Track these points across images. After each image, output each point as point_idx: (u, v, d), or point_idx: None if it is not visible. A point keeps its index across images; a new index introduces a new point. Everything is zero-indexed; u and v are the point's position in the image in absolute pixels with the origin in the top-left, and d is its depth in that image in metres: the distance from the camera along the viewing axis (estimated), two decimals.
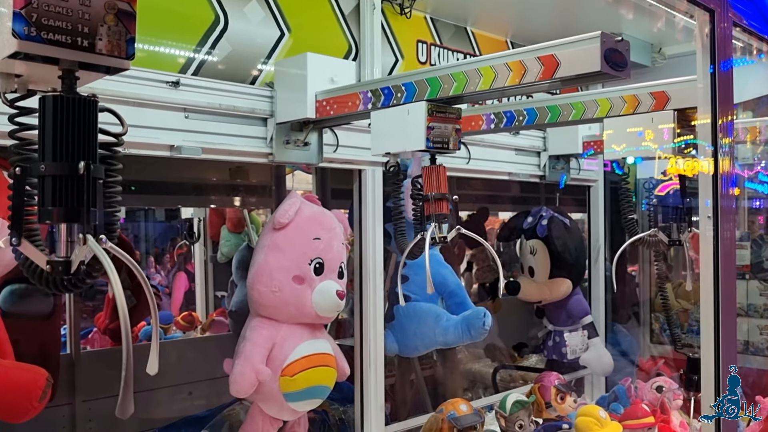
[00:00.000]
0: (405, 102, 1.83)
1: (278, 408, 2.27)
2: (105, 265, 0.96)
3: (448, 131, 1.84)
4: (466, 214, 4.42)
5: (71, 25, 0.97)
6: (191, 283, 4.66)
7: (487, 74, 1.65)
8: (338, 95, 2.03)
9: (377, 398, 2.46)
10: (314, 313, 2.23)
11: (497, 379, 3.77)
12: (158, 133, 1.92)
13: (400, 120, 1.84)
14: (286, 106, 2.13)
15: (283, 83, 2.15)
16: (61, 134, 0.97)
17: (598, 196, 3.53)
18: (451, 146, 1.86)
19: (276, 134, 2.14)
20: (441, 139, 1.83)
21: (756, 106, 3.08)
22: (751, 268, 3.46)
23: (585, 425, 2.36)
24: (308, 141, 2.19)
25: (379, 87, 1.91)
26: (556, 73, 1.53)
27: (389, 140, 1.90)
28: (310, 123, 2.15)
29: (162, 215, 4.84)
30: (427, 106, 1.78)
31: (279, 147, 2.15)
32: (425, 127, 1.78)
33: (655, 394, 2.97)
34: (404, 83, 1.83)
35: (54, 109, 0.97)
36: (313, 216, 2.29)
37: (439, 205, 1.96)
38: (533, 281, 3.19)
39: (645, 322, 3.94)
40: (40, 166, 0.97)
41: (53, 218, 0.96)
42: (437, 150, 1.84)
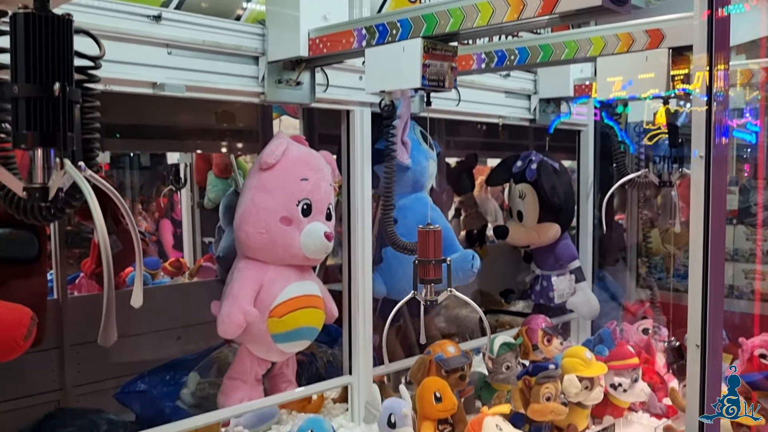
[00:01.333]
0: (400, 39, 1.79)
1: (266, 349, 2.27)
2: (84, 191, 0.93)
3: (443, 69, 1.81)
4: (455, 161, 4.40)
5: None
6: (177, 229, 4.64)
7: (485, 10, 1.61)
8: (332, 33, 1.97)
9: (365, 340, 2.46)
10: (302, 255, 2.21)
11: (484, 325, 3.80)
12: (140, 69, 1.86)
13: (396, 57, 1.79)
14: (278, 44, 2.07)
15: (275, 21, 2.09)
16: (34, 54, 0.92)
17: (588, 141, 3.50)
18: (446, 85, 1.83)
19: (268, 73, 2.09)
20: (437, 77, 1.80)
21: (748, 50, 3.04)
22: (738, 213, 3.47)
23: (571, 366, 2.38)
24: (300, 80, 2.14)
25: (373, 24, 1.86)
26: (556, 8, 1.48)
27: (384, 78, 1.86)
28: (303, 62, 2.10)
29: (147, 161, 4.78)
30: (423, 43, 1.73)
31: (271, 86, 2.10)
32: (421, 65, 1.74)
33: (641, 336, 3.02)
34: (399, 20, 1.78)
35: (26, 27, 0.92)
36: (301, 156, 2.26)
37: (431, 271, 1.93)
38: (522, 225, 3.19)
39: (632, 266, 3.96)
40: (13, 88, 0.93)
41: (28, 143, 0.93)
42: (433, 88, 1.80)
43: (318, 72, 2.23)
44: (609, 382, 2.51)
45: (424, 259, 1.87)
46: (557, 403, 2.22)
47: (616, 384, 2.51)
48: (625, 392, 2.51)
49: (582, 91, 2.95)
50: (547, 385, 2.22)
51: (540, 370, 2.25)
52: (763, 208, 3.36)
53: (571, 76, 2.95)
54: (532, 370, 2.27)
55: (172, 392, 2.50)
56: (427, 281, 1.88)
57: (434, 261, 1.86)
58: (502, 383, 2.52)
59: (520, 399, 2.25)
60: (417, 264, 1.88)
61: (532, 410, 2.21)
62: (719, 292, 1.71)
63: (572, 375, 2.35)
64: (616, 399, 2.53)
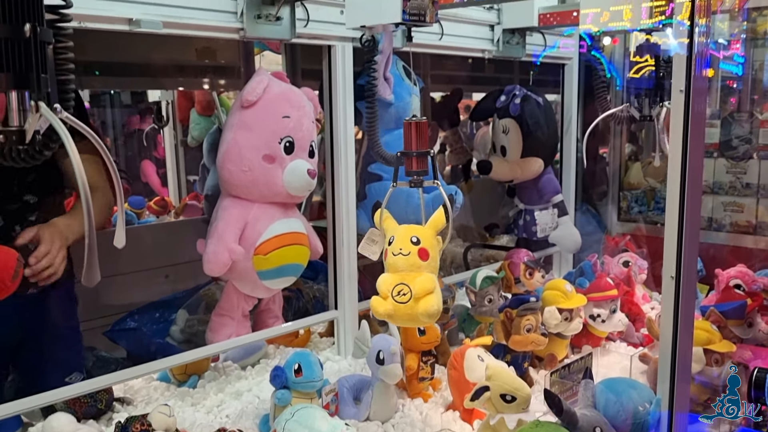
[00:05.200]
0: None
1: (252, 286, 2.31)
2: (60, 134, 0.93)
3: (424, 3, 1.79)
4: (440, 95, 4.37)
5: None
6: (161, 168, 4.63)
7: None
8: None
9: (350, 275, 2.50)
10: (285, 192, 2.22)
11: (468, 258, 3.86)
12: (114, 5, 1.82)
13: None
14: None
15: None
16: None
17: (572, 75, 3.48)
18: (428, 19, 1.82)
19: (247, 8, 2.04)
20: (418, 11, 1.78)
21: None
22: (719, 147, 3.50)
23: (551, 298, 2.44)
24: (280, 15, 2.10)
25: None
26: None
27: (365, 13, 1.84)
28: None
29: (128, 99, 4.72)
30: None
31: (250, 21, 2.05)
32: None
33: (621, 268, 3.08)
34: None
35: None
36: (282, 93, 2.24)
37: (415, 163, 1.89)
38: (505, 160, 3.20)
39: (613, 200, 4.01)
40: None
41: (1, 85, 0.92)
42: (414, 23, 1.79)
43: (298, 7, 2.18)
44: (588, 313, 2.57)
45: (407, 151, 1.85)
46: (537, 334, 2.28)
47: (595, 315, 2.57)
48: (604, 323, 2.57)
49: (547, 21, 2.85)
50: (528, 317, 2.27)
51: (521, 302, 2.30)
52: (744, 141, 3.39)
53: (536, 5, 2.85)
54: (513, 302, 2.32)
55: (161, 329, 2.55)
56: (411, 173, 1.87)
57: (416, 153, 1.84)
58: (485, 316, 2.58)
59: (501, 330, 2.30)
60: (399, 156, 1.86)
61: (513, 341, 2.27)
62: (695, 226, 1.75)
63: (552, 307, 2.41)
64: (594, 329, 2.60)
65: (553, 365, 2.33)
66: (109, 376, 1.99)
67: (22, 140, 0.95)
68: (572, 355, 2.56)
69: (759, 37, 3.41)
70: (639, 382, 2.02)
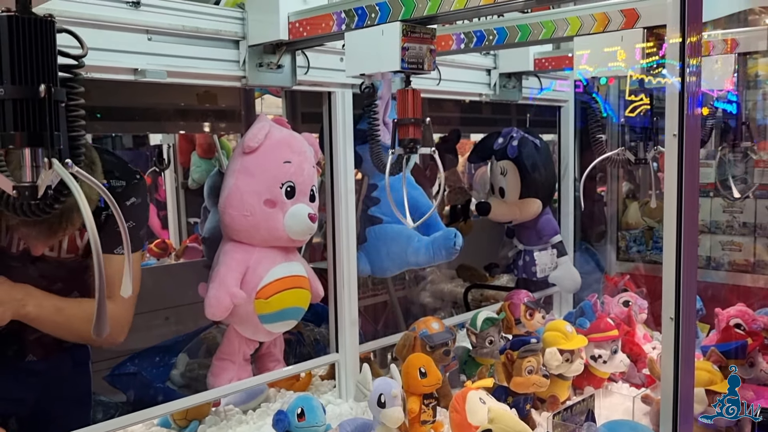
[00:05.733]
0: (379, 23, 1.81)
1: (254, 330, 2.31)
2: (72, 189, 0.96)
3: (422, 52, 1.83)
4: (438, 137, 4.43)
5: None
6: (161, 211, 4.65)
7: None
8: (311, 16, 1.99)
9: (351, 318, 2.51)
10: (286, 237, 2.25)
11: (469, 299, 3.87)
12: (121, 56, 1.87)
13: (375, 41, 1.81)
14: (258, 27, 2.08)
15: (254, 4, 2.10)
16: (19, 56, 0.94)
17: (569, 117, 3.53)
18: (426, 67, 1.85)
19: (249, 57, 2.10)
20: (416, 60, 1.82)
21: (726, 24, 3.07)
22: (715, 186, 3.53)
23: (552, 339, 2.44)
24: (281, 63, 2.16)
25: (352, 7, 1.87)
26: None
27: (364, 61, 1.88)
28: (284, 45, 2.11)
29: (130, 142, 4.77)
30: (402, 27, 1.76)
31: (252, 70, 2.11)
32: (400, 48, 1.77)
33: (621, 308, 3.08)
34: (378, 3, 1.80)
35: (9, 30, 0.94)
36: (283, 139, 2.28)
37: (411, 130, 1.94)
38: (504, 201, 3.23)
39: (612, 240, 4.03)
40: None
41: (16, 143, 0.95)
42: (412, 71, 1.83)
43: (299, 54, 2.24)
44: (589, 354, 2.57)
45: (404, 118, 1.90)
46: (539, 375, 2.28)
47: (596, 356, 2.57)
48: (605, 363, 2.57)
49: (542, 65, 2.93)
50: (529, 358, 2.27)
51: (522, 344, 2.30)
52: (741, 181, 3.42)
53: (531, 50, 2.93)
54: (514, 344, 2.32)
55: (162, 373, 2.55)
56: (405, 142, 1.90)
57: (414, 120, 1.89)
58: (486, 357, 2.58)
59: (503, 372, 2.30)
60: (396, 124, 1.92)
61: (514, 383, 2.27)
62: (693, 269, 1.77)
63: (553, 348, 2.41)
64: (596, 370, 2.59)
65: (555, 407, 2.32)
66: (110, 422, 1.98)
67: (34, 196, 0.97)
68: (574, 396, 2.55)
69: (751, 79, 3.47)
70: (641, 425, 2.02)
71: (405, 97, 1.90)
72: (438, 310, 3.89)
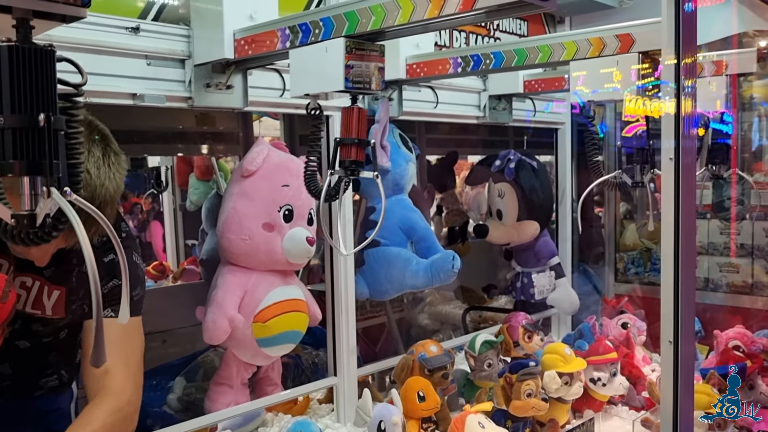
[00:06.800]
0: (323, 39, 1.71)
1: (252, 353, 2.30)
2: (70, 217, 0.96)
3: (369, 70, 1.71)
4: (435, 158, 4.45)
5: None
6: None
7: (406, 6, 1.53)
8: (256, 33, 1.89)
9: (349, 341, 2.50)
10: (284, 260, 2.25)
11: (467, 320, 3.86)
12: (119, 81, 1.88)
13: (319, 59, 1.70)
14: (203, 46, 1.98)
15: (199, 21, 2.00)
16: (19, 86, 0.95)
17: (566, 139, 3.55)
18: (373, 86, 1.72)
19: (195, 77, 2.00)
20: (361, 78, 1.69)
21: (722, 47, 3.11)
22: (712, 208, 3.54)
23: (551, 362, 2.44)
24: (231, 84, 2.06)
25: (296, 23, 1.77)
26: (477, 3, 1.40)
27: (308, 81, 1.75)
28: (232, 64, 2.02)
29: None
30: (346, 43, 1.65)
31: (198, 90, 2.01)
32: (344, 66, 1.65)
33: (620, 330, 3.08)
34: (322, 18, 1.71)
35: (10, 60, 0.95)
36: (281, 163, 2.29)
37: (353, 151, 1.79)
38: (501, 224, 3.24)
39: (610, 261, 4.03)
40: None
41: (15, 171, 0.95)
42: (358, 90, 1.70)
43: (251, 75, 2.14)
44: (588, 376, 2.57)
45: (347, 138, 1.76)
46: (538, 399, 2.26)
47: (596, 378, 2.56)
48: (604, 386, 2.56)
49: (532, 87, 2.93)
50: (528, 381, 2.26)
51: (520, 367, 2.29)
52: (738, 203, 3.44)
53: (521, 72, 2.91)
54: (512, 367, 2.31)
55: (159, 397, 2.53)
56: (346, 163, 1.76)
57: (357, 140, 1.75)
58: (485, 380, 2.57)
59: (501, 396, 2.29)
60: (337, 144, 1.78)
61: (513, 407, 2.26)
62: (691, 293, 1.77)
63: (552, 371, 2.40)
64: (595, 393, 2.58)
65: (554, 431, 2.31)
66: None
67: (33, 224, 0.97)
68: (574, 420, 2.53)
69: (746, 101, 3.50)
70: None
71: (349, 115, 1.77)
72: (436, 331, 3.87)
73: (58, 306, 1.81)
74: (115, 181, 1.60)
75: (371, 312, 3.63)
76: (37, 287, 1.77)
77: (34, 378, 1.95)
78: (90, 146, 1.55)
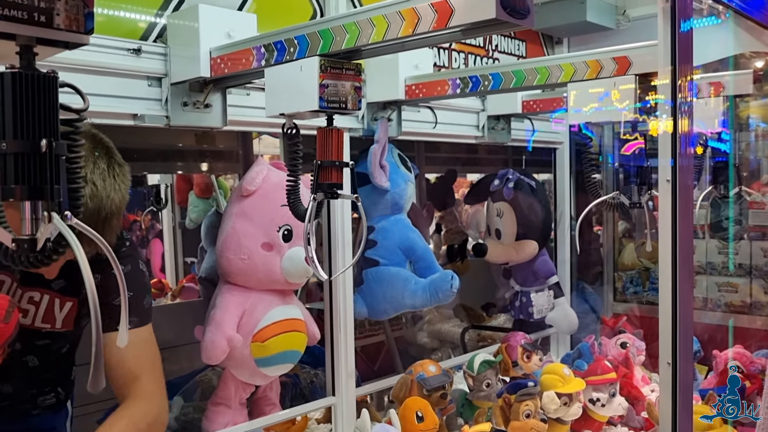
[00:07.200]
0: (298, 57, 1.68)
1: (250, 373, 2.30)
2: (70, 241, 0.96)
3: (345, 89, 1.66)
4: (435, 177, 4.46)
5: (28, 1, 0.95)
6: None
7: (380, 24, 1.51)
8: (231, 51, 1.87)
9: (347, 361, 2.50)
10: (283, 280, 2.25)
11: (466, 339, 3.85)
12: (120, 101, 1.89)
13: (294, 78, 1.66)
14: (179, 64, 1.96)
15: (176, 38, 1.98)
16: (21, 112, 0.96)
17: (564, 158, 3.57)
18: (349, 106, 1.67)
19: (171, 95, 1.97)
20: (337, 98, 1.65)
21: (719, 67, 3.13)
22: (710, 227, 3.56)
23: (549, 382, 2.43)
24: (209, 102, 2.03)
25: (271, 41, 1.75)
26: (451, 21, 1.39)
27: (283, 100, 1.71)
28: (210, 83, 1.99)
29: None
30: (320, 62, 1.61)
31: (175, 109, 1.98)
32: (318, 85, 1.60)
33: (619, 349, 3.07)
34: (296, 36, 1.69)
35: (13, 87, 0.96)
36: (280, 183, 2.28)
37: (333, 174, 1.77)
38: (500, 243, 3.24)
39: (608, 280, 4.04)
40: (1, 144, 0.96)
41: (17, 196, 0.96)
42: (333, 110, 1.65)
43: (230, 94, 2.11)
44: (587, 397, 2.56)
45: (326, 161, 1.72)
46: (537, 419, 2.26)
47: (595, 399, 2.56)
48: (604, 407, 2.56)
49: (530, 108, 2.94)
50: (527, 402, 2.26)
51: (519, 387, 2.29)
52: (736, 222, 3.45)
53: (520, 92, 2.92)
54: (511, 387, 2.31)
55: None
56: (325, 186, 1.73)
57: (337, 163, 1.72)
58: (483, 401, 2.57)
59: (500, 416, 2.29)
60: (317, 167, 1.74)
61: (512, 427, 2.25)
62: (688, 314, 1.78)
63: (551, 391, 2.40)
64: (594, 414, 2.58)
65: None
66: None
67: (33, 248, 0.98)
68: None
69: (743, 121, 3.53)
70: None
71: (327, 136, 1.72)
72: (435, 350, 3.86)
73: (68, 318, 1.83)
74: (121, 192, 1.63)
75: (370, 330, 3.63)
76: (47, 301, 1.79)
77: (33, 396, 1.94)
78: (95, 159, 1.57)
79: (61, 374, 2.00)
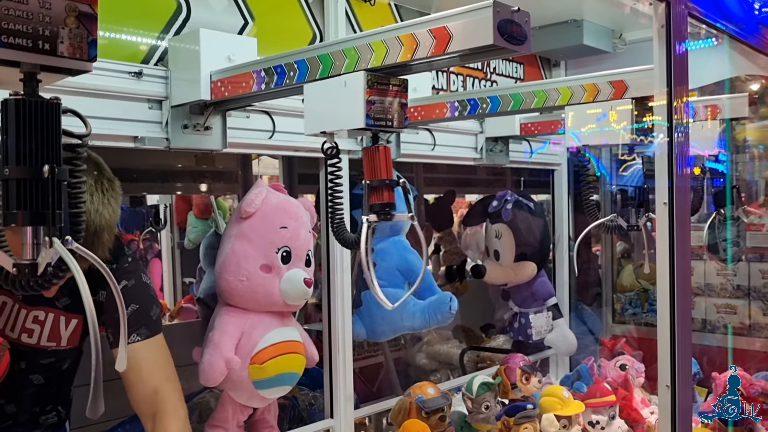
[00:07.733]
0: (298, 81, 1.68)
1: (248, 395, 2.29)
2: (71, 266, 0.97)
3: (393, 106, 1.58)
4: (433, 197, 4.47)
5: (32, 28, 0.97)
6: None
7: (379, 50, 1.50)
8: (232, 75, 1.88)
9: (346, 383, 2.49)
10: (282, 301, 2.24)
11: (465, 360, 3.84)
12: (122, 124, 1.91)
13: (337, 93, 1.58)
14: (180, 87, 1.98)
15: (176, 62, 2.00)
16: (24, 138, 0.97)
17: (562, 180, 3.59)
18: (395, 124, 1.59)
19: (172, 118, 1.98)
20: (383, 115, 1.56)
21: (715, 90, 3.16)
22: (708, 249, 3.56)
23: (549, 404, 2.43)
24: (209, 125, 2.04)
25: (271, 65, 1.75)
26: (449, 46, 1.38)
27: (324, 118, 1.64)
28: (210, 105, 2.01)
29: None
30: (367, 77, 1.53)
31: (175, 132, 1.99)
32: (365, 102, 1.52)
33: (618, 371, 3.07)
34: (296, 60, 1.68)
35: (16, 113, 0.97)
36: (280, 204, 2.30)
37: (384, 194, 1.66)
38: (499, 264, 3.25)
39: (607, 302, 4.04)
40: (4, 170, 0.97)
41: (18, 221, 0.97)
42: (380, 128, 1.57)
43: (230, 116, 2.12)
44: (587, 419, 2.56)
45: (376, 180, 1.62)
46: None
47: (594, 422, 2.55)
48: (603, 430, 2.55)
49: (528, 130, 2.97)
50: (526, 425, 2.26)
51: (518, 410, 2.29)
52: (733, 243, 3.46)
53: (518, 115, 2.94)
54: (510, 410, 2.31)
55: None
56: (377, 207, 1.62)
57: (388, 181, 1.62)
58: (482, 423, 2.55)
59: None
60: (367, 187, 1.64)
61: None
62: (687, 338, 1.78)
63: (550, 414, 2.40)
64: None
65: None
66: None
67: (34, 273, 0.98)
68: None
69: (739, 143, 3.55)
70: None
71: (374, 155, 1.64)
72: (434, 371, 3.85)
73: (74, 336, 1.83)
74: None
75: (368, 351, 3.62)
76: (52, 319, 1.80)
77: (35, 414, 1.94)
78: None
79: (62, 392, 2.00)
